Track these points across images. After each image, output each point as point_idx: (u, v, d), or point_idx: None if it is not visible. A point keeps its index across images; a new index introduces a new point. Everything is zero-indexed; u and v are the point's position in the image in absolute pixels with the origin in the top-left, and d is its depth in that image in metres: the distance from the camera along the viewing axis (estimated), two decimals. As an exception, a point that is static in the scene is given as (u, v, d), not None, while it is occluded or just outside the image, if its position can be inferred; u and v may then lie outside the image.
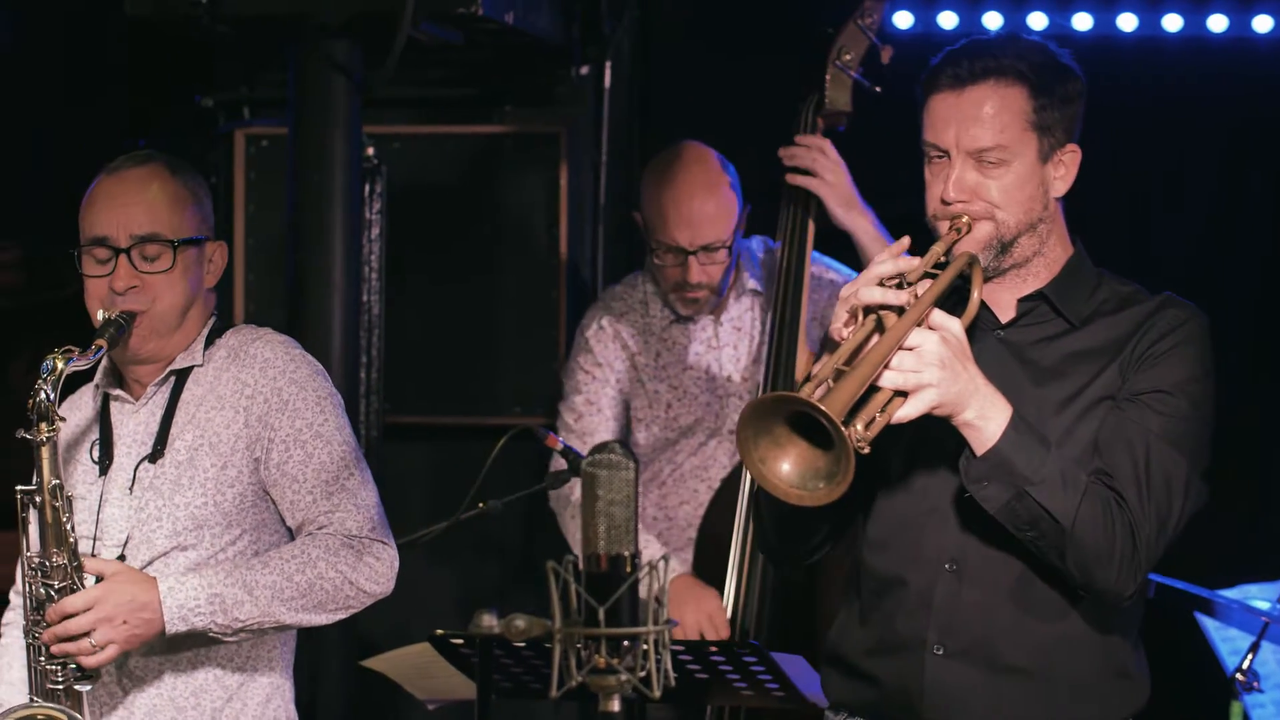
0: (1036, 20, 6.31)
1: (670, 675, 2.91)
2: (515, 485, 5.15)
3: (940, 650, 3.70)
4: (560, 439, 5.11)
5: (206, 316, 4.24)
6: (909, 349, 3.48)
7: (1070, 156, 3.74)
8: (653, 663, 2.89)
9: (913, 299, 3.52)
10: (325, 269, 5.63)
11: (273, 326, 4.33)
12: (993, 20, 6.34)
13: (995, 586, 3.68)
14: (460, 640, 4.45)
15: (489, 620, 2.99)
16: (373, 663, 4.84)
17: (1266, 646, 4.89)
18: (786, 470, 3.41)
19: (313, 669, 5.74)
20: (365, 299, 5.99)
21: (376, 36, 5.47)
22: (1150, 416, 3.62)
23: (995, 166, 3.67)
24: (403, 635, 4.94)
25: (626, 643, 2.89)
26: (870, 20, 5.25)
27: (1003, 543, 3.63)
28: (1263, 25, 6.28)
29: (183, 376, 4.19)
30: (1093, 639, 3.69)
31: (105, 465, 4.18)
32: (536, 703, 4.69)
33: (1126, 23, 6.32)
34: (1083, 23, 6.32)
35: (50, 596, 3.99)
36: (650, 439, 5.69)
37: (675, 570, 5.41)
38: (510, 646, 4.38)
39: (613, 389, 5.69)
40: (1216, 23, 6.29)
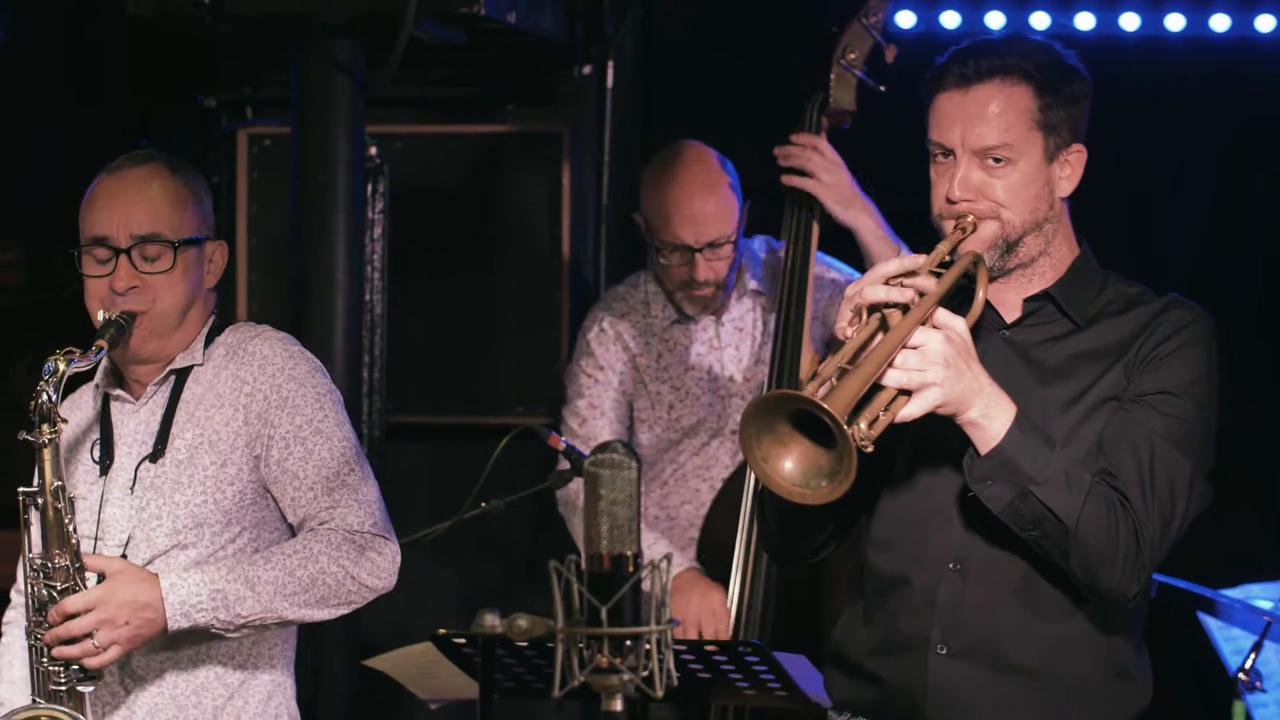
0: (1039, 20, 6.31)
1: (673, 675, 2.91)
2: (518, 485, 5.15)
3: (944, 650, 3.69)
4: (563, 439, 5.11)
5: (206, 316, 4.23)
6: (913, 348, 3.47)
7: (1076, 156, 3.73)
8: (655, 662, 2.89)
9: (917, 298, 3.52)
10: (328, 269, 5.63)
11: (275, 326, 4.33)
12: (995, 20, 6.34)
13: (999, 586, 3.67)
14: (463, 640, 4.45)
15: (491, 620, 2.99)
16: (375, 662, 4.83)
17: (1269, 646, 4.88)
18: (789, 468, 3.41)
19: (315, 668, 5.74)
20: (368, 298, 5.99)
21: (379, 36, 5.47)
22: (1155, 417, 3.62)
23: (1001, 165, 3.66)
24: (405, 635, 4.94)
25: (629, 642, 2.89)
26: (875, 19, 5.24)
27: (1007, 542, 3.62)
28: (1265, 25, 6.28)
29: (183, 376, 4.18)
30: (1096, 639, 3.69)
31: (106, 465, 4.18)
32: (539, 702, 4.69)
33: (1129, 22, 6.32)
34: (1085, 22, 6.32)
35: (52, 598, 3.98)
36: (653, 439, 5.68)
37: (681, 565, 5.41)
38: (513, 646, 4.38)
39: (615, 391, 5.69)
40: (1219, 22, 6.29)
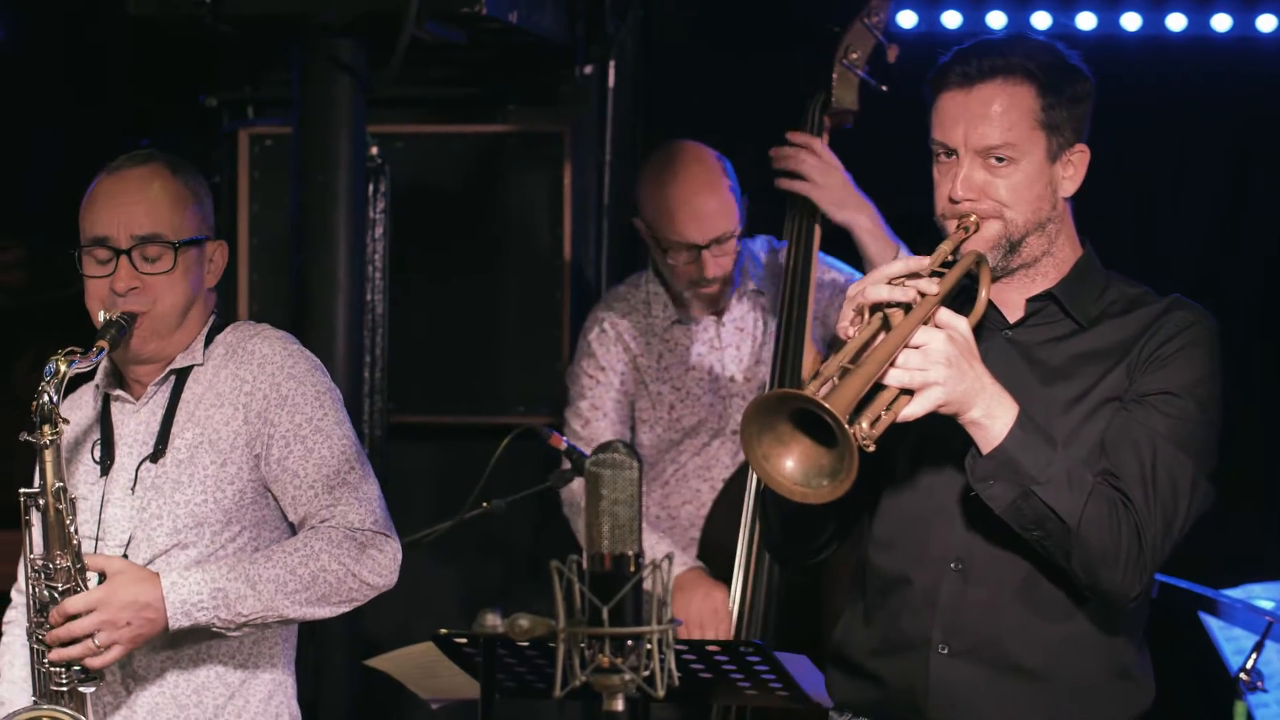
0: (1040, 19, 6.31)
1: (674, 674, 2.91)
2: (519, 484, 5.15)
3: (945, 649, 3.69)
4: (564, 439, 5.12)
5: (206, 316, 4.22)
6: (915, 347, 3.47)
7: (1079, 156, 3.72)
8: (656, 662, 2.89)
9: (919, 297, 3.52)
10: (329, 268, 5.63)
11: (277, 326, 4.32)
12: (996, 20, 6.34)
13: (1001, 586, 3.67)
14: (464, 640, 4.44)
15: (493, 619, 2.99)
16: (376, 662, 4.83)
17: (1270, 646, 4.88)
18: (790, 467, 3.41)
19: (317, 668, 5.74)
20: (369, 298, 5.99)
21: (380, 36, 5.47)
22: (1157, 418, 3.61)
23: (1003, 165, 3.66)
24: (406, 634, 4.94)
25: (630, 642, 2.89)
26: (877, 19, 5.24)
27: (1009, 542, 3.62)
28: (1267, 25, 6.28)
29: (183, 376, 4.18)
30: (1098, 640, 3.69)
31: (107, 465, 4.17)
32: (540, 702, 4.69)
33: (1130, 22, 6.32)
34: (1087, 22, 6.32)
35: (53, 599, 3.97)
36: (654, 439, 5.68)
37: (684, 565, 5.41)
38: (514, 646, 4.37)
39: (616, 391, 5.69)
40: (1220, 22, 6.29)
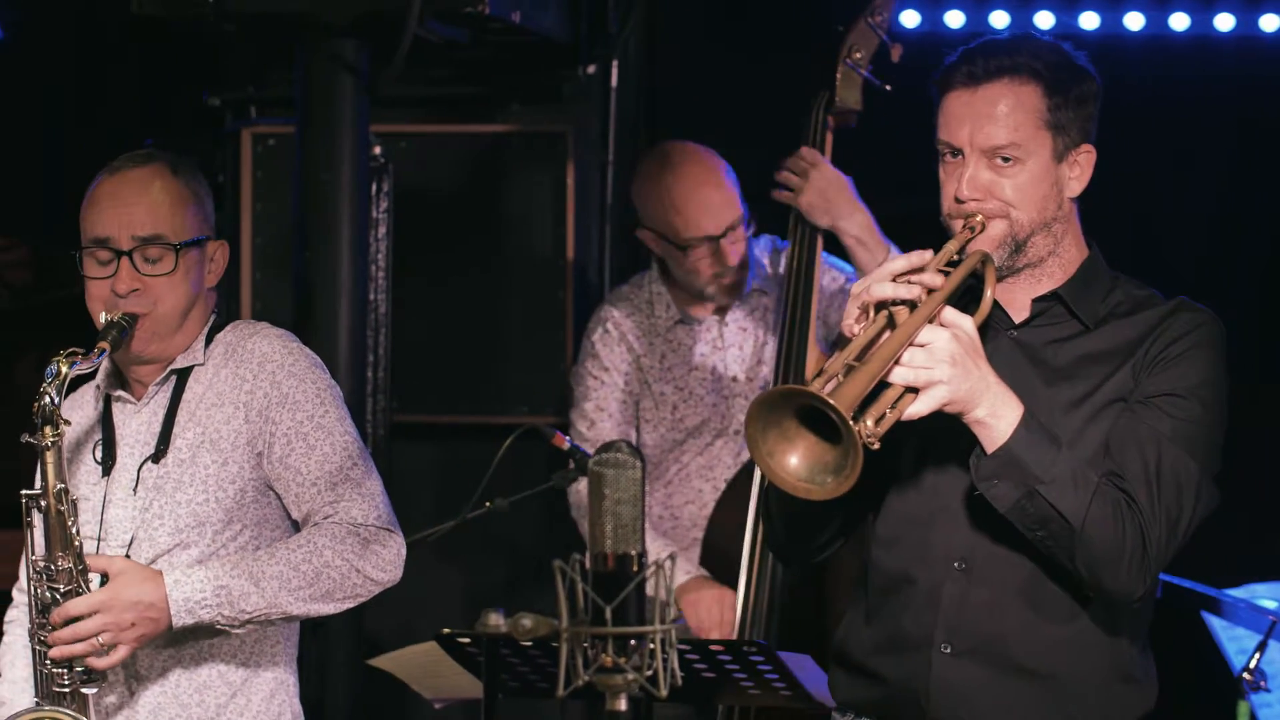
0: (1043, 19, 6.31)
1: (677, 674, 2.91)
2: (522, 484, 5.16)
3: (948, 649, 3.68)
4: (567, 439, 5.12)
5: (207, 315, 4.21)
6: (920, 345, 3.46)
7: (1085, 157, 3.72)
8: (660, 662, 2.89)
9: (924, 295, 3.51)
10: (332, 268, 5.63)
11: (279, 326, 4.32)
12: (999, 19, 6.34)
13: (1004, 586, 3.66)
14: (467, 639, 4.45)
15: (496, 619, 2.99)
16: (380, 661, 4.83)
17: (1274, 646, 4.89)
18: (794, 464, 3.41)
19: (320, 668, 5.74)
20: (372, 298, 5.99)
21: (383, 35, 5.47)
22: (1162, 419, 3.61)
23: (1009, 165, 3.65)
24: (410, 634, 4.95)
25: (633, 642, 2.89)
26: (880, 18, 5.24)
27: (1012, 542, 3.62)
28: (1269, 24, 6.28)
29: (184, 376, 4.17)
30: (1100, 641, 3.68)
31: (108, 466, 4.17)
32: (543, 702, 4.69)
33: (1133, 21, 6.32)
34: (1090, 22, 6.32)
35: (55, 600, 3.97)
36: (657, 439, 5.68)
37: (690, 572, 5.41)
38: (517, 646, 4.38)
39: (620, 392, 5.70)
40: (1223, 21, 6.29)
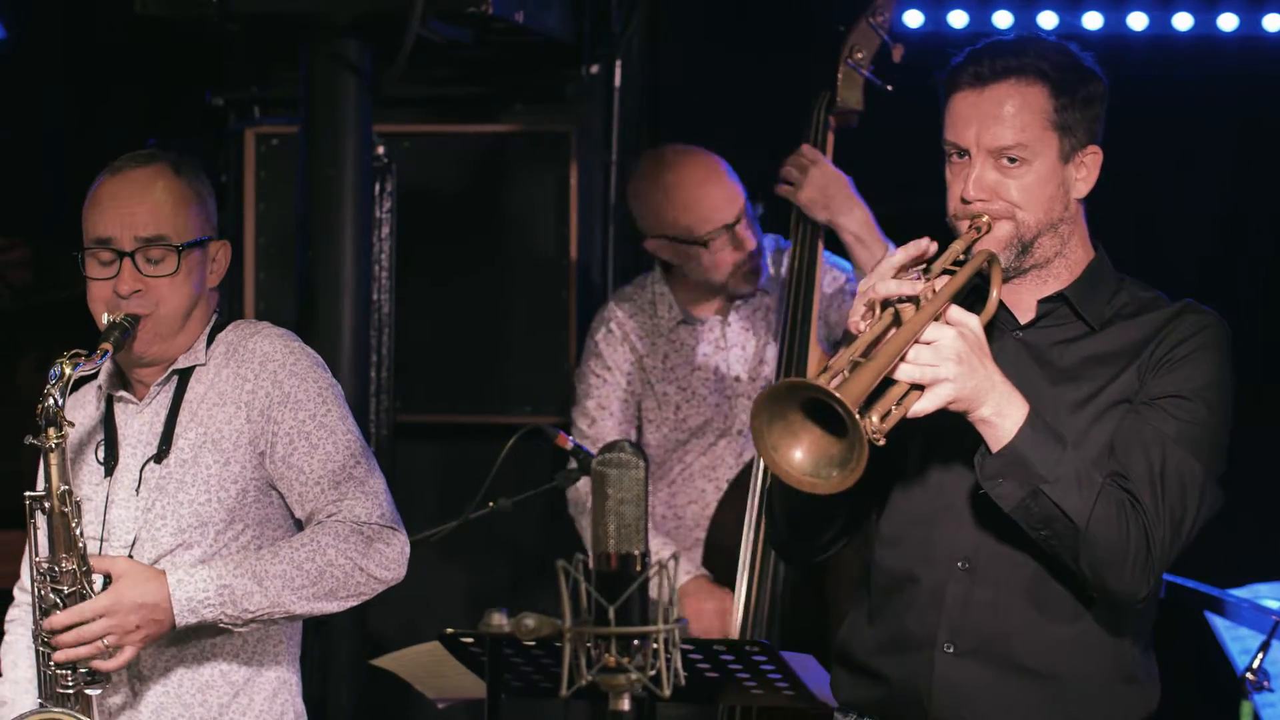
0: (1047, 19, 6.31)
1: (680, 674, 2.91)
2: (525, 484, 5.16)
3: (950, 649, 3.68)
4: (570, 438, 5.12)
5: (209, 315, 4.21)
6: (926, 343, 3.47)
7: (1092, 158, 3.72)
8: (663, 661, 2.89)
9: (930, 293, 3.51)
10: (335, 268, 5.63)
11: (283, 325, 4.32)
12: (1003, 19, 6.34)
13: (1007, 586, 3.66)
14: (470, 639, 4.44)
15: (499, 619, 2.99)
16: (383, 661, 4.83)
17: (1277, 646, 4.88)
18: (799, 458, 3.41)
19: (323, 667, 5.74)
20: (375, 298, 5.99)
21: (386, 35, 5.47)
22: (1167, 420, 3.61)
23: (1016, 166, 3.65)
24: (413, 634, 4.94)
25: (636, 641, 2.89)
26: (881, 18, 5.25)
27: (1016, 542, 3.62)
28: (1273, 24, 6.27)
29: (185, 376, 4.16)
30: (1104, 642, 3.68)
31: (111, 466, 4.16)
32: (546, 702, 4.69)
33: (1137, 21, 6.32)
34: (1093, 21, 6.32)
35: (59, 602, 3.96)
36: (660, 439, 5.69)
37: (690, 572, 5.41)
38: (520, 645, 4.38)
39: (623, 391, 5.70)
40: (1227, 21, 6.28)
